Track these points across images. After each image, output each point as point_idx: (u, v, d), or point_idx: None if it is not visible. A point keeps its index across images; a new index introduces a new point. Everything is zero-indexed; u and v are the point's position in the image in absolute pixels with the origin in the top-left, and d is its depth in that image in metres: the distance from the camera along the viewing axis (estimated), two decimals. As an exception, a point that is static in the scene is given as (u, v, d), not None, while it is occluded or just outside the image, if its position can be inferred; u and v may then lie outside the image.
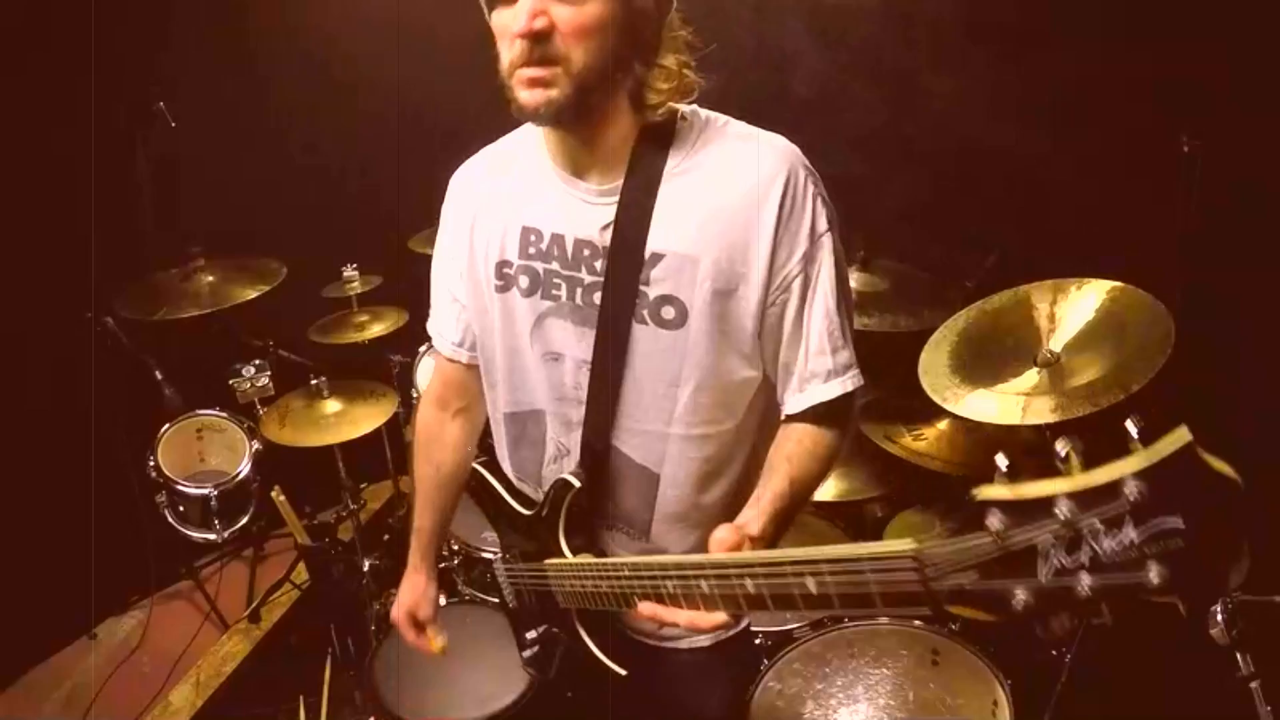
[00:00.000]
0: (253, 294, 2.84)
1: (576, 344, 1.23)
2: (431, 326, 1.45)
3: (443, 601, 2.15)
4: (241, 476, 2.86)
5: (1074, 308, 1.99)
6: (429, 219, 1.44)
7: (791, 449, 1.19)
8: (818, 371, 1.19)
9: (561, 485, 1.25)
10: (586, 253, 1.20)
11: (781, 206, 1.13)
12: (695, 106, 1.20)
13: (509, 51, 1.06)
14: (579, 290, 1.21)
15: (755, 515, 1.10)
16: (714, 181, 1.15)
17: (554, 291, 1.23)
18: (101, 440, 2.89)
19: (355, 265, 3.01)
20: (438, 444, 1.51)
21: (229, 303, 2.81)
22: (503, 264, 1.27)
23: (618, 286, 1.17)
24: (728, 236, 1.13)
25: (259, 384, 2.84)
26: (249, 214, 3.12)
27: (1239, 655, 1.43)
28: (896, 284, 2.48)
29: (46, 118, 2.82)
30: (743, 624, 1.43)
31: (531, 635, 1.42)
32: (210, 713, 2.69)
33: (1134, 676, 2.10)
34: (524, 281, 1.25)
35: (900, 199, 2.57)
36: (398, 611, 1.55)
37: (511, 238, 1.25)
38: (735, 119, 1.21)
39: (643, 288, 1.16)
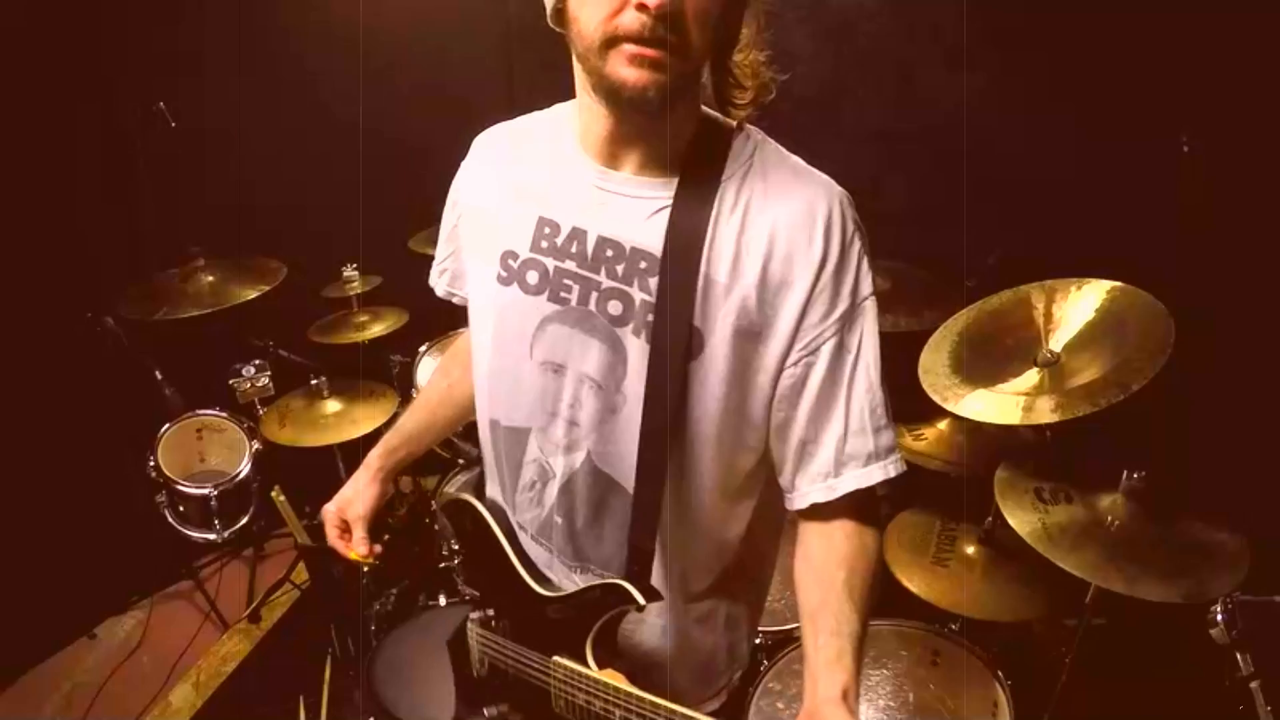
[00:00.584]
0: (253, 294, 2.83)
1: (581, 356, 1.09)
2: (448, 289, 1.34)
3: (442, 601, 2.16)
4: (241, 476, 2.85)
5: (1074, 308, 1.99)
6: (429, 219, 1.43)
7: (853, 564, 1.05)
8: (856, 454, 1.06)
9: (610, 590, 1.09)
10: (610, 253, 1.06)
11: (826, 256, 1.03)
12: (752, 126, 1.11)
13: (609, 18, 0.92)
14: (593, 295, 1.07)
15: (850, 682, 0.98)
16: (760, 210, 1.04)
17: (563, 294, 1.09)
18: (101, 440, 2.89)
19: (355, 265, 3.01)
20: (459, 363, 1.39)
21: (229, 303, 2.81)
22: (508, 254, 1.13)
23: (675, 312, 1.02)
24: (762, 273, 1.03)
25: (259, 384, 2.84)
26: (249, 214, 3.12)
27: (1239, 655, 1.43)
28: (896, 284, 2.48)
29: (47, 118, 2.82)
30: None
31: (490, 712, 1.28)
32: (210, 713, 2.68)
33: (1134, 676, 2.10)
34: (531, 278, 1.11)
35: (901, 199, 2.57)
36: (329, 505, 1.40)
37: (524, 227, 1.12)
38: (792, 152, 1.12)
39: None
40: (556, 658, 1.12)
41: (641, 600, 1.06)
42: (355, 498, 1.39)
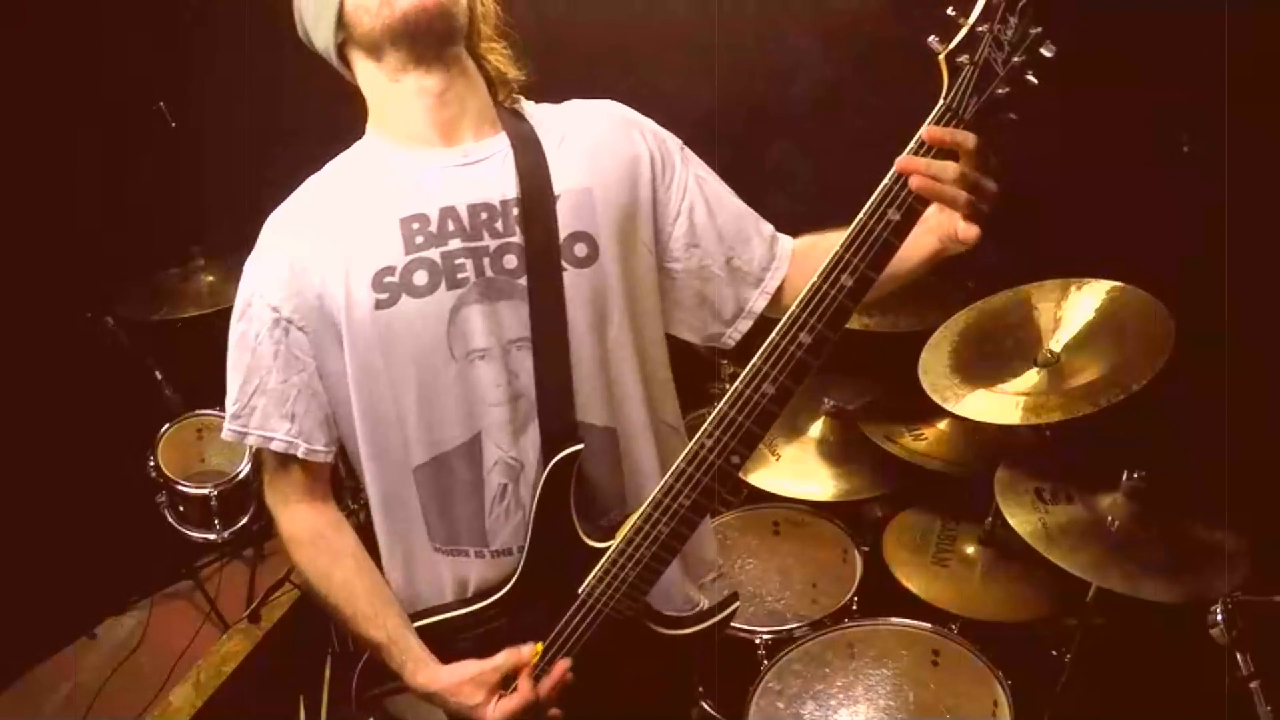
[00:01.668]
0: (253, 294, 2.83)
1: (501, 325, 1.10)
2: (260, 434, 1.19)
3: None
4: (241, 476, 2.85)
5: (1074, 308, 1.99)
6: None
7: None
8: (774, 235, 1.29)
9: (559, 467, 1.11)
10: (485, 216, 1.11)
11: (642, 134, 1.23)
12: None
13: None
14: (486, 261, 1.10)
15: None
16: (575, 131, 1.20)
17: (460, 275, 1.09)
18: (101, 440, 2.89)
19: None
20: (334, 532, 1.26)
21: (229, 303, 2.77)
22: (383, 272, 1.09)
23: (541, 232, 1.12)
24: (610, 165, 1.18)
25: (259, 384, 2.84)
26: (249, 214, 3.11)
27: (1239, 655, 1.43)
28: (897, 284, 2.48)
29: (47, 118, 2.82)
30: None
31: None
32: (210, 713, 2.68)
33: (1134, 676, 2.10)
34: (420, 278, 1.09)
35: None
36: (475, 700, 1.14)
37: (387, 237, 1.10)
38: None
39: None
40: (581, 590, 1.15)
41: (577, 446, 1.12)
42: (478, 669, 1.16)
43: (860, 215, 0.98)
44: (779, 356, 1.01)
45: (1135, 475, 1.79)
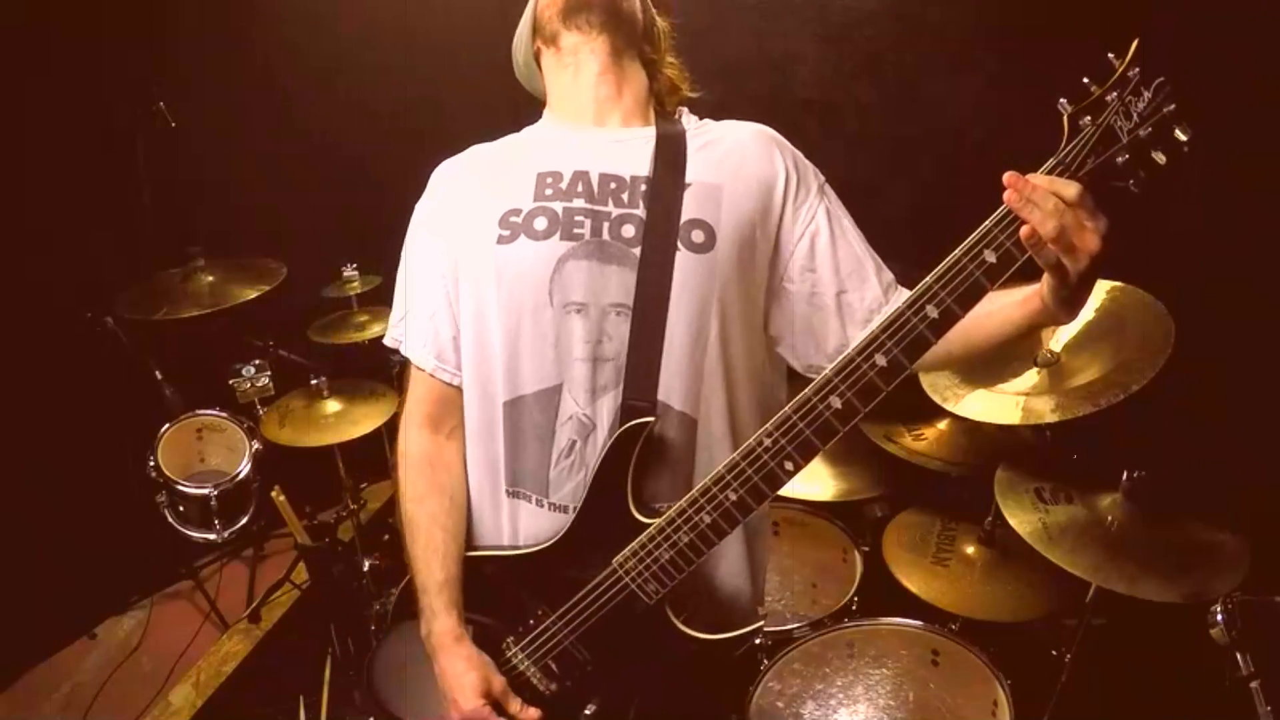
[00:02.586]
0: (253, 294, 2.83)
1: (603, 287, 1.17)
2: (406, 342, 1.32)
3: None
4: (241, 476, 2.85)
5: (1074, 308, 1.99)
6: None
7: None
8: (890, 282, 1.28)
9: (626, 435, 1.15)
10: (613, 185, 1.21)
11: (783, 158, 1.27)
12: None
13: None
14: (605, 225, 1.18)
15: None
16: (720, 139, 1.28)
17: (576, 230, 1.18)
18: (101, 440, 2.89)
19: (355, 265, 3.01)
20: (443, 468, 1.30)
21: (229, 303, 2.81)
22: (510, 212, 1.21)
23: (663, 210, 1.19)
24: (745, 173, 1.24)
25: (259, 384, 2.84)
26: (249, 214, 3.12)
27: (1239, 655, 1.43)
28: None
29: (47, 118, 2.82)
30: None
31: (590, 710, 1.23)
32: (210, 713, 2.68)
33: (1134, 676, 2.10)
34: (540, 224, 1.19)
35: (903, 202, 2.57)
36: (471, 699, 1.20)
37: (522, 185, 1.22)
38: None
39: None
40: (615, 560, 1.17)
41: (650, 418, 1.15)
42: (487, 673, 1.24)
43: (956, 250, 0.99)
44: (851, 373, 1.02)
45: (1135, 475, 1.79)
